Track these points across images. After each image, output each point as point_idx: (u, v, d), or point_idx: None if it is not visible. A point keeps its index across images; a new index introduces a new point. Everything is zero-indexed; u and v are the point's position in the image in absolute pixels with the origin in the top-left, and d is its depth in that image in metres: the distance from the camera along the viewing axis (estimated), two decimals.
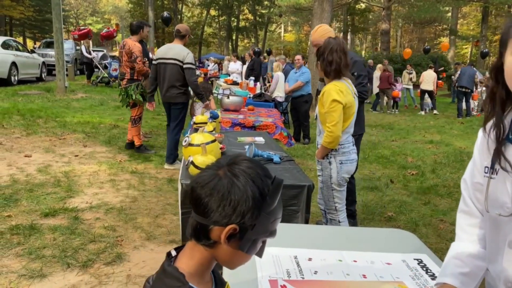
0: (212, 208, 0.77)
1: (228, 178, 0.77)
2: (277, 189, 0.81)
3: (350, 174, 2.75)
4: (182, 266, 0.81)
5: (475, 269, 1.10)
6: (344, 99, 2.58)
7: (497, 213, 1.01)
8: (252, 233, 0.79)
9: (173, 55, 4.79)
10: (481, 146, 1.10)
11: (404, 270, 1.41)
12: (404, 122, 10.97)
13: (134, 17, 39.54)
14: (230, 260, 0.83)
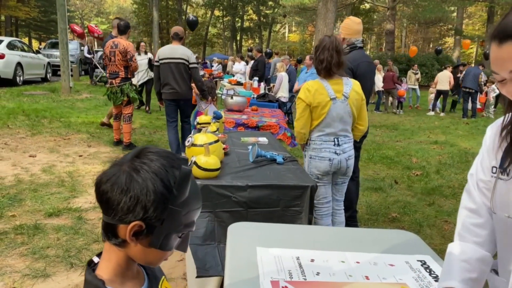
0: (114, 205, 0.74)
1: (127, 173, 0.74)
2: (185, 180, 0.77)
3: (320, 171, 2.74)
4: (100, 273, 0.78)
5: (481, 274, 1.07)
6: (310, 99, 2.64)
7: (506, 215, 0.99)
8: (162, 228, 0.75)
9: (180, 55, 5.03)
10: (490, 144, 1.08)
11: (407, 272, 1.39)
12: (408, 123, 10.92)
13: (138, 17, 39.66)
14: (145, 258, 0.79)
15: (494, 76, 0.93)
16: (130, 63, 5.54)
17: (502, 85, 0.92)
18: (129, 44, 5.54)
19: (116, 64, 5.55)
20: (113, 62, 5.56)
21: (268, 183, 2.36)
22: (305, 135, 2.77)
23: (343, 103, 2.69)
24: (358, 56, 3.27)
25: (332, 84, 2.69)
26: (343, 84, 2.72)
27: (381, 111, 13.12)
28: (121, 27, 5.67)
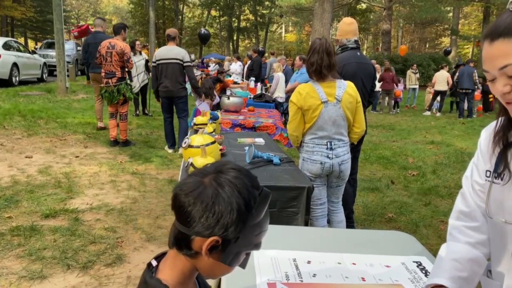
0: (194, 218, 0.74)
1: (214, 187, 0.74)
2: (264, 201, 0.78)
3: (312, 173, 2.74)
4: (164, 278, 0.79)
5: (472, 274, 1.07)
6: (301, 102, 2.65)
7: (502, 220, 0.99)
8: (235, 245, 0.77)
9: (174, 55, 5.49)
10: (484, 148, 1.09)
11: (403, 273, 1.40)
12: (405, 123, 10.96)
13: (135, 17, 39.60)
14: (211, 272, 0.81)
15: (486, 75, 0.94)
16: (127, 64, 5.80)
17: (493, 84, 0.93)
18: (126, 46, 5.82)
19: (113, 64, 5.73)
20: (109, 62, 5.73)
21: (264, 184, 2.34)
22: (297, 137, 2.77)
23: (335, 106, 2.67)
24: (347, 57, 3.26)
25: (324, 87, 2.68)
26: (336, 87, 2.70)
27: (377, 111, 13.16)
28: (114, 28, 6.00)
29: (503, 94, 0.91)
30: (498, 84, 0.91)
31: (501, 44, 0.87)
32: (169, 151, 5.91)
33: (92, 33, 7.04)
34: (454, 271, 1.07)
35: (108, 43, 5.74)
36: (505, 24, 0.87)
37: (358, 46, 3.41)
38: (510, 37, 0.86)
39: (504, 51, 0.87)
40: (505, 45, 0.86)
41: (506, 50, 0.86)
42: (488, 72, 0.92)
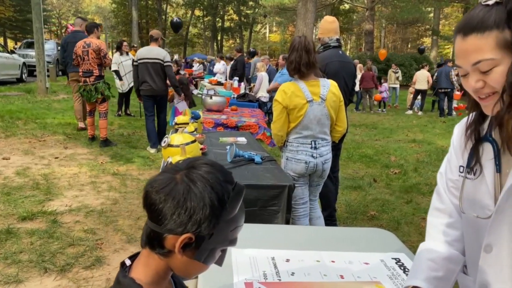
0: (166, 215, 0.72)
1: (185, 183, 0.72)
2: (238, 196, 0.76)
3: (296, 173, 2.72)
4: (138, 277, 0.76)
5: (448, 273, 1.07)
6: (286, 101, 2.62)
7: (474, 215, 0.99)
8: (210, 242, 0.75)
9: (155, 55, 5.63)
10: (457, 143, 1.09)
11: (382, 270, 1.40)
12: (387, 122, 11.07)
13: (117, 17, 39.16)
14: (186, 270, 0.78)
15: (458, 70, 0.93)
16: (104, 60, 5.85)
17: (465, 79, 0.92)
18: (101, 42, 5.87)
19: (90, 63, 5.79)
20: (86, 61, 5.80)
21: (245, 183, 2.33)
22: (282, 137, 2.75)
23: (320, 106, 2.67)
24: (329, 56, 3.26)
25: (308, 86, 2.67)
26: (320, 86, 2.70)
27: (360, 110, 13.28)
28: (87, 27, 6.08)
29: (476, 90, 0.91)
30: (471, 80, 0.90)
31: (474, 39, 0.86)
32: (151, 151, 5.87)
33: (71, 32, 6.95)
34: (430, 272, 1.07)
35: (83, 42, 5.79)
36: (478, 18, 0.86)
37: (339, 44, 3.42)
38: (483, 32, 0.85)
39: (477, 47, 0.86)
40: (478, 41, 0.86)
41: (479, 45, 0.86)
42: (461, 67, 0.92)
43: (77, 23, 7.19)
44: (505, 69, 0.85)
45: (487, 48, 0.85)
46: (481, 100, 0.92)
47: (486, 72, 0.87)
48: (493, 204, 0.94)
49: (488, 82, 0.88)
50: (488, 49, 0.85)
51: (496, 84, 0.87)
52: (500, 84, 0.86)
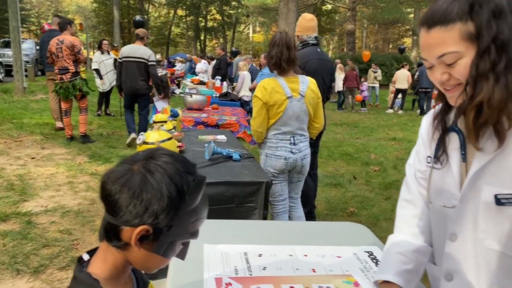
0: (121, 206, 0.70)
1: (142, 174, 0.70)
2: (199, 187, 0.74)
3: (276, 169, 2.72)
4: (95, 271, 0.74)
5: (418, 265, 1.07)
6: (266, 97, 2.62)
7: (441, 204, 1.00)
8: (169, 234, 0.73)
9: (140, 55, 5.70)
10: (425, 134, 1.10)
11: (354, 263, 1.40)
12: (368, 120, 11.18)
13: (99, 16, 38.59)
14: (145, 264, 0.76)
15: (424, 63, 0.94)
16: (79, 56, 5.85)
17: (431, 71, 0.93)
18: (74, 39, 5.89)
19: (65, 59, 5.78)
20: (61, 58, 5.77)
21: (222, 180, 2.32)
22: (262, 133, 2.74)
23: (300, 102, 2.67)
24: (308, 53, 3.27)
25: (288, 82, 2.67)
26: (300, 83, 2.70)
27: (342, 110, 13.38)
28: (60, 25, 6.07)
29: (442, 82, 0.91)
30: (436, 72, 0.91)
31: (437, 32, 0.86)
32: (130, 137, 5.98)
33: (48, 31, 6.84)
34: (400, 265, 1.06)
35: (57, 39, 5.79)
36: (441, 11, 0.86)
37: (318, 42, 3.43)
38: (447, 25, 0.85)
39: (441, 40, 0.86)
40: (442, 34, 0.86)
41: (443, 38, 0.86)
42: (427, 60, 0.92)
43: (54, 21, 7.06)
44: (469, 61, 0.85)
45: (450, 41, 0.85)
46: (447, 92, 0.93)
47: (451, 64, 0.87)
48: (458, 193, 0.94)
49: (453, 74, 0.88)
50: (452, 42, 0.85)
51: (460, 76, 0.87)
52: (464, 76, 0.87)
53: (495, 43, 0.82)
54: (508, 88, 0.82)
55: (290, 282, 1.24)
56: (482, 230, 0.91)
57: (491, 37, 0.82)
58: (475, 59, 0.84)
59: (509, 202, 0.85)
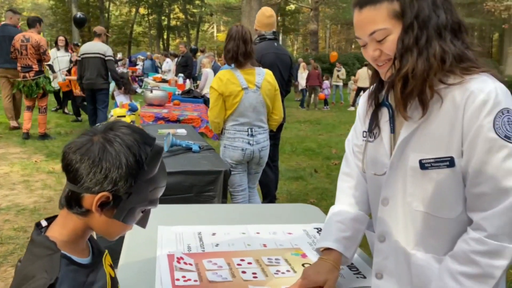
0: (82, 174, 0.73)
1: (101, 143, 0.74)
2: (156, 157, 0.78)
3: (233, 160, 2.76)
4: (53, 235, 0.76)
5: (355, 232, 1.16)
6: (222, 88, 2.67)
7: (372, 172, 1.09)
8: (128, 201, 0.77)
9: (97, 50, 5.80)
10: (361, 112, 1.18)
11: (304, 238, 1.46)
12: (331, 118, 11.44)
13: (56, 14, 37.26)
14: (106, 230, 0.80)
15: (358, 41, 1.01)
16: (44, 57, 5.85)
17: (365, 50, 1.00)
18: (41, 38, 5.88)
19: (29, 58, 5.73)
20: (25, 56, 5.73)
21: (181, 170, 2.34)
22: (219, 124, 2.77)
23: (255, 93, 2.71)
24: (264, 47, 3.34)
25: (244, 74, 2.72)
26: (256, 74, 2.75)
27: (305, 108, 13.61)
28: (29, 21, 5.98)
29: (374, 58, 0.99)
30: (369, 49, 0.98)
31: (368, 11, 0.94)
32: None
33: (1, 26, 6.51)
34: (339, 233, 1.15)
35: (22, 36, 5.74)
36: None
37: (275, 37, 3.50)
38: (375, 4, 0.93)
39: (371, 18, 0.94)
40: (372, 12, 0.94)
41: (373, 17, 0.94)
42: (360, 38, 0.99)
43: (7, 15, 6.78)
44: (397, 37, 0.93)
45: (380, 18, 0.93)
46: (379, 68, 1.01)
47: (381, 41, 0.95)
48: (389, 162, 1.02)
49: (383, 50, 0.96)
50: (381, 19, 0.93)
51: (390, 51, 0.95)
52: (393, 51, 0.95)
53: (417, 20, 0.91)
54: (429, 60, 0.90)
55: (241, 256, 1.28)
56: (409, 193, 0.99)
57: (414, 15, 0.91)
58: (401, 35, 0.92)
59: (432, 166, 0.94)
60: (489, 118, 0.87)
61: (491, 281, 0.86)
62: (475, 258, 0.87)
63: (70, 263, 0.74)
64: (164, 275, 1.14)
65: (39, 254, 0.74)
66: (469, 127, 0.89)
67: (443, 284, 0.91)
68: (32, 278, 0.69)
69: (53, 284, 0.68)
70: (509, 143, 0.85)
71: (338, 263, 1.12)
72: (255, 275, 1.17)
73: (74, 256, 0.77)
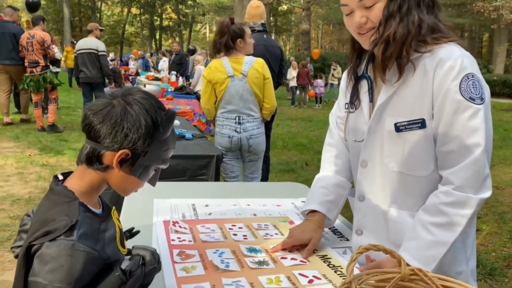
0: (105, 134, 0.79)
1: (122, 106, 0.81)
2: (170, 120, 0.86)
3: (222, 147, 2.85)
4: (71, 186, 0.82)
5: (338, 197, 1.26)
6: (210, 76, 2.79)
7: (352, 139, 1.18)
8: (145, 159, 0.83)
9: (90, 45, 6.25)
10: (343, 86, 1.27)
11: (291, 209, 1.55)
12: (322, 115, 11.55)
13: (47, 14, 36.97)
14: (122, 185, 0.86)
15: (343, 9, 1.08)
16: (48, 51, 6.18)
17: (350, 17, 1.07)
18: (45, 34, 6.22)
19: (35, 53, 6.06)
20: (31, 52, 6.06)
21: (174, 154, 2.41)
22: (209, 110, 2.87)
23: (241, 81, 2.77)
24: (254, 39, 3.42)
25: (232, 62, 2.78)
26: (243, 63, 2.80)
27: (296, 105, 13.73)
28: (33, 20, 6.45)
29: (360, 25, 1.05)
30: (356, 16, 1.04)
31: None
32: None
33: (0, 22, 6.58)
34: (322, 196, 1.25)
35: (28, 34, 6.13)
36: None
37: (265, 29, 3.58)
38: None
39: None
40: None
41: None
42: (347, 5, 1.06)
43: (6, 12, 6.88)
44: (383, 5, 1.01)
45: None
46: (361, 36, 1.07)
47: (370, 7, 1.02)
48: (367, 129, 1.11)
49: (370, 17, 1.02)
50: None
51: (375, 19, 1.02)
52: (378, 19, 1.02)
53: None
54: (408, 26, 0.99)
55: (232, 222, 1.37)
56: (386, 155, 1.08)
57: None
58: (387, 3, 1.00)
59: (406, 128, 1.03)
60: (455, 82, 0.96)
61: (458, 228, 0.95)
62: (443, 208, 0.96)
63: (87, 210, 0.80)
64: (160, 237, 1.22)
65: (58, 201, 0.79)
66: (438, 91, 0.98)
67: (415, 234, 1.00)
68: (53, 221, 0.75)
69: (74, 225, 0.74)
70: (473, 104, 0.95)
71: (322, 224, 1.21)
72: (245, 237, 1.25)
73: (89, 206, 0.83)
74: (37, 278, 0.71)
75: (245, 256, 1.12)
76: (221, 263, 1.06)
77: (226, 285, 0.97)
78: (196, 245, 1.18)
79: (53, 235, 0.73)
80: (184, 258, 1.09)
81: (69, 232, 0.73)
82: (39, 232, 0.74)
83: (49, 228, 0.74)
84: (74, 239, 0.73)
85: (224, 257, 1.11)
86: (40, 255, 0.72)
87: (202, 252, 1.13)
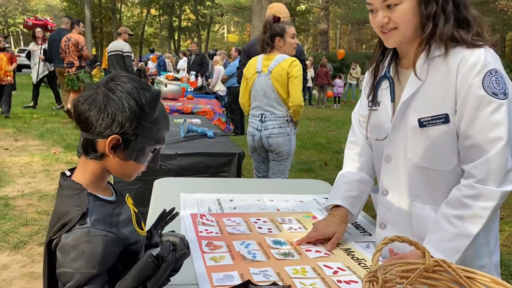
0: (92, 122, 0.82)
1: (104, 92, 0.84)
2: (155, 99, 0.87)
3: (249, 145, 2.91)
4: (77, 179, 0.86)
5: (360, 192, 1.29)
6: (245, 70, 2.94)
7: (374, 138, 1.21)
8: (137, 142, 0.85)
9: (116, 48, 6.84)
10: (366, 85, 1.30)
11: (314, 205, 1.58)
12: (341, 115, 11.50)
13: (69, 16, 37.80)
14: (122, 170, 0.88)
15: (368, 7, 1.10)
16: (82, 52, 6.77)
17: (373, 16, 1.09)
18: (79, 37, 6.86)
19: (71, 55, 6.70)
20: (68, 54, 6.72)
21: (197, 151, 2.48)
22: (243, 104, 2.98)
23: (266, 77, 2.78)
24: (255, 39, 3.53)
25: (264, 59, 2.82)
26: (273, 60, 2.78)
27: (312, 105, 13.71)
28: (71, 24, 7.19)
29: (382, 25, 1.07)
30: (379, 16, 1.07)
31: None
32: None
33: (57, 30, 7.81)
34: (346, 192, 1.28)
35: (66, 37, 6.78)
36: None
37: None
38: None
39: None
40: None
41: None
42: (372, 4, 1.08)
43: (63, 21, 7.86)
44: (407, 7, 1.03)
45: None
46: (384, 35, 1.10)
47: (392, 8, 1.04)
48: (390, 125, 1.14)
49: (392, 18, 1.05)
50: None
51: (398, 19, 1.04)
52: (400, 20, 1.04)
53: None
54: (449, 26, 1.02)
55: (256, 216, 1.41)
56: (410, 151, 1.10)
57: None
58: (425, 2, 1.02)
59: (429, 123, 1.05)
60: (478, 77, 0.98)
61: (481, 221, 0.97)
62: (466, 201, 0.98)
63: (96, 199, 0.84)
64: (188, 228, 1.27)
65: (68, 195, 0.84)
66: (461, 86, 1.00)
67: (438, 227, 1.02)
68: (66, 213, 0.80)
69: (85, 213, 0.79)
70: (496, 99, 0.96)
71: (345, 218, 1.24)
72: (270, 230, 1.29)
73: (98, 194, 0.87)
74: (63, 268, 0.75)
75: (271, 248, 1.16)
76: (248, 254, 1.10)
77: (254, 274, 1.01)
78: (223, 237, 1.22)
79: (68, 226, 0.77)
80: (213, 249, 1.14)
81: (82, 220, 0.77)
82: (56, 226, 0.79)
83: (64, 221, 0.79)
84: (89, 225, 0.77)
85: (250, 248, 1.15)
86: (61, 247, 0.77)
87: (229, 243, 1.17)
